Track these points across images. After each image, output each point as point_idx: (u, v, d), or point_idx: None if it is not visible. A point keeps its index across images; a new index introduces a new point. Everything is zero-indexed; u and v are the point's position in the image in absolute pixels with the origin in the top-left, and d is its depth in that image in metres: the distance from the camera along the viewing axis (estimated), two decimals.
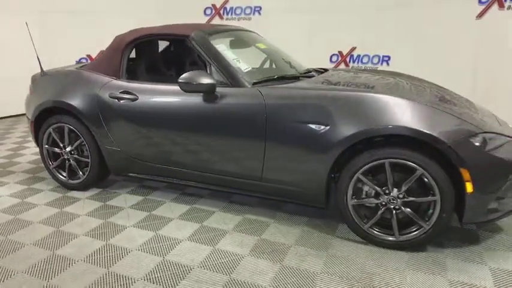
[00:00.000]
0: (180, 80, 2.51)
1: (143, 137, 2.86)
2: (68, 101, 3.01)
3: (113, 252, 2.37)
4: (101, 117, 2.93)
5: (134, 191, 3.25)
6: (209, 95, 2.59)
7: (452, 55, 5.02)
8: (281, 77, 2.82)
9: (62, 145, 3.20)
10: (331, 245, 2.42)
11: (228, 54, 2.80)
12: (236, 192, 2.77)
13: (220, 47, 2.81)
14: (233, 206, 2.95)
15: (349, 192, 2.35)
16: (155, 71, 3.30)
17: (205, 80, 2.51)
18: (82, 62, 4.29)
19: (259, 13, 6.69)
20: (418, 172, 2.17)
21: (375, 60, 6.03)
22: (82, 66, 3.41)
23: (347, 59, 6.24)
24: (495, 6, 4.60)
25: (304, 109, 2.38)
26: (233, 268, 2.19)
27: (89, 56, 6.85)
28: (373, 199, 2.34)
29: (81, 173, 3.20)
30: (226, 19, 6.88)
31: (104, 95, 2.93)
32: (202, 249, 2.38)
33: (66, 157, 3.21)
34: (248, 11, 6.76)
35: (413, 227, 2.30)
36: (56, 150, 3.25)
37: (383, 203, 2.31)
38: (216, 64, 2.67)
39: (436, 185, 2.16)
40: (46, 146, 3.28)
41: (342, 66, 6.24)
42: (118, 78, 2.99)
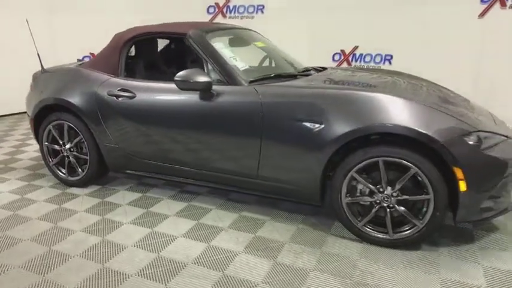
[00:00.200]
0: (177, 78, 2.53)
1: (141, 135, 2.88)
2: (67, 99, 3.05)
3: (109, 248, 2.39)
4: (100, 114, 2.96)
5: (133, 188, 3.28)
6: (205, 93, 2.61)
7: (454, 54, 4.99)
8: (278, 76, 2.83)
9: (62, 142, 3.24)
10: (325, 243, 2.42)
11: (225, 52, 2.82)
12: (233, 190, 2.79)
13: (217, 45, 2.82)
14: (230, 204, 2.97)
15: (343, 190, 2.36)
16: (153, 69, 3.33)
17: (201, 78, 2.52)
18: (82, 60, 4.31)
19: (262, 12, 6.69)
20: (412, 170, 2.17)
21: (377, 59, 6.01)
22: (81, 64, 3.44)
23: (349, 58, 6.22)
24: (497, 5, 4.56)
25: (299, 107, 2.39)
26: (227, 264, 2.21)
27: (92, 54, 6.90)
28: (367, 197, 2.34)
29: (80, 170, 3.24)
30: (229, 17, 6.88)
31: (103, 93, 2.96)
32: (197, 246, 2.40)
33: (65, 154, 3.25)
34: (251, 10, 6.77)
35: (407, 226, 2.30)
36: (56, 147, 3.29)
37: (377, 201, 2.31)
38: (213, 62, 2.69)
39: (430, 184, 2.16)
40: (46, 143, 3.32)
41: (345, 65, 6.23)
42: (116, 76, 3.02)
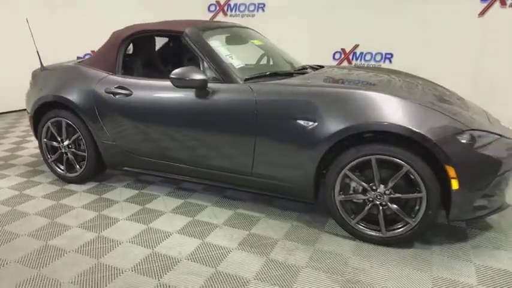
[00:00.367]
0: (172, 76, 2.55)
1: (137, 132, 2.90)
2: (66, 96, 3.08)
3: (104, 243, 2.42)
4: (97, 112, 2.99)
5: (130, 185, 3.31)
6: (201, 91, 2.63)
7: (454, 53, 4.98)
8: (274, 74, 2.85)
9: (60, 139, 3.27)
10: (318, 240, 2.44)
11: (221, 50, 2.83)
12: (228, 187, 2.81)
13: (213, 44, 2.84)
14: (226, 201, 2.99)
15: (336, 188, 2.37)
16: (150, 67, 3.35)
17: (196, 76, 2.54)
18: (84, 58, 4.34)
19: (262, 10, 6.70)
20: (404, 169, 2.18)
21: (378, 57, 6.01)
22: (80, 61, 3.47)
23: (350, 57, 6.22)
24: (497, 3, 4.55)
25: (293, 105, 2.40)
26: (220, 261, 2.23)
27: (93, 52, 6.94)
28: (360, 195, 2.35)
29: (78, 167, 3.27)
30: (230, 16, 6.89)
31: (100, 90, 2.98)
32: (191, 242, 2.43)
33: (63, 151, 3.28)
34: (252, 8, 6.78)
35: (400, 224, 2.31)
36: (54, 144, 3.32)
37: (370, 199, 2.32)
38: (209, 60, 2.70)
39: (422, 182, 2.16)
40: (45, 140, 3.35)
41: (345, 63, 6.23)
42: (114, 73, 3.04)
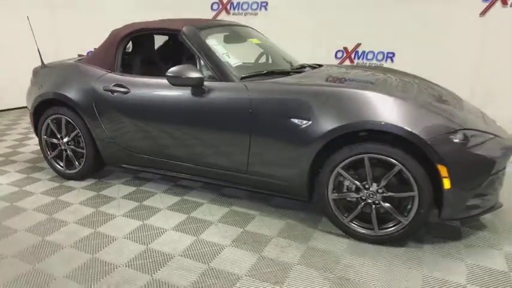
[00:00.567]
0: (168, 74, 2.57)
1: (134, 129, 2.94)
2: (65, 93, 3.12)
3: (100, 239, 2.46)
4: (95, 109, 3.02)
5: (128, 182, 3.35)
6: (197, 89, 2.65)
7: (455, 52, 4.96)
8: (270, 72, 2.86)
9: (60, 136, 3.31)
10: (312, 238, 2.46)
11: (218, 48, 2.85)
12: (225, 184, 2.83)
13: (210, 42, 2.86)
14: (222, 199, 3.01)
15: (329, 186, 2.38)
16: (149, 65, 3.37)
17: (192, 74, 2.56)
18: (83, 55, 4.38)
19: (265, 8, 6.71)
20: (397, 168, 2.19)
21: (380, 56, 6.00)
22: (80, 59, 3.50)
23: (352, 56, 6.22)
24: (498, 3, 4.52)
25: (287, 104, 2.41)
26: (213, 257, 2.25)
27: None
28: (353, 193, 2.37)
29: (77, 163, 3.31)
30: (232, 14, 6.91)
31: (99, 88, 3.02)
32: (185, 239, 2.45)
33: (63, 147, 3.32)
34: (254, 6, 6.79)
35: (392, 222, 2.32)
36: (54, 140, 3.36)
37: (363, 198, 2.33)
38: (205, 58, 2.73)
39: (414, 181, 2.17)
40: (44, 137, 3.40)
41: (347, 62, 6.23)
42: (112, 71, 3.07)
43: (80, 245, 2.39)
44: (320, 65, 3.45)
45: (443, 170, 2.11)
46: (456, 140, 2.15)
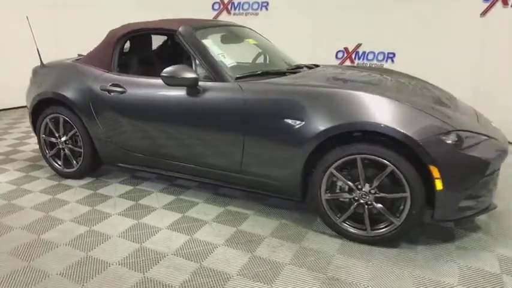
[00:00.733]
0: (163, 74, 2.59)
1: (131, 129, 2.96)
2: (62, 93, 3.14)
3: (95, 237, 2.48)
4: (92, 108, 3.05)
5: (125, 181, 3.37)
6: (192, 89, 2.66)
7: (456, 52, 4.94)
8: (265, 73, 2.87)
9: (58, 135, 3.34)
10: (305, 238, 2.46)
11: (214, 49, 2.86)
12: (220, 184, 2.84)
13: (206, 42, 2.87)
14: (217, 198, 3.03)
15: (322, 186, 2.39)
16: (146, 65, 3.39)
17: (187, 74, 2.58)
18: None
19: (266, 8, 6.72)
20: (389, 168, 2.19)
21: (380, 57, 5.99)
22: (78, 59, 3.53)
23: (352, 56, 6.21)
24: (499, 3, 4.50)
25: (280, 104, 2.42)
26: (205, 256, 2.27)
27: None
28: (346, 194, 2.37)
29: (75, 162, 3.33)
30: (233, 14, 6.92)
31: (96, 88, 3.04)
32: (179, 237, 2.47)
33: (61, 146, 3.35)
34: (255, 6, 6.80)
35: (384, 223, 2.32)
36: (52, 139, 3.39)
37: (355, 198, 2.33)
38: (201, 58, 2.74)
39: (406, 182, 2.17)
40: (43, 136, 3.43)
41: (348, 62, 6.22)
42: (109, 71, 3.10)
43: (75, 243, 2.41)
44: (317, 65, 3.45)
45: (435, 171, 2.11)
46: (449, 141, 2.15)
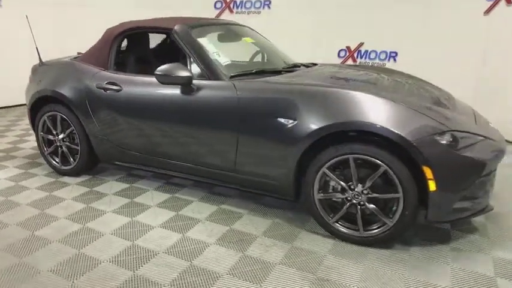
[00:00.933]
0: (157, 72, 2.59)
1: (126, 127, 2.96)
2: (60, 91, 3.16)
3: (88, 234, 2.49)
4: (89, 106, 3.06)
5: (122, 179, 3.38)
6: (186, 88, 2.66)
7: (459, 51, 4.89)
8: (261, 71, 2.85)
9: (55, 132, 3.36)
10: (297, 238, 2.45)
11: (209, 47, 2.86)
12: (214, 183, 2.84)
13: (202, 41, 2.86)
14: (212, 197, 3.02)
15: (315, 186, 2.37)
16: (143, 63, 3.39)
17: (181, 73, 2.57)
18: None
19: (268, 7, 6.70)
20: (381, 169, 2.17)
21: (382, 56, 5.94)
22: (76, 57, 3.55)
23: (354, 55, 6.17)
24: (503, 2, 4.43)
25: (273, 103, 2.41)
26: (196, 255, 2.26)
27: None
28: (339, 194, 2.35)
29: (72, 160, 3.35)
30: (236, 13, 6.91)
31: (92, 86, 3.05)
32: (171, 236, 2.47)
33: (58, 144, 3.37)
34: (258, 5, 6.78)
35: (377, 224, 2.30)
36: (50, 137, 3.41)
37: (348, 198, 2.31)
38: (195, 57, 2.73)
39: (399, 182, 2.15)
40: (41, 133, 3.45)
41: (350, 61, 6.18)
42: (106, 69, 3.10)
43: (68, 240, 2.42)
44: (315, 64, 3.43)
45: (428, 172, 2.08)
46: (443, 142, 2.12)
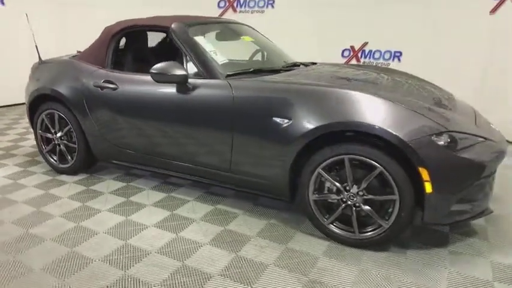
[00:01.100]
0: (152, 71, 2.57)
1: (122, 125, 2.95)
2: (57, 89, 3.16)
3: (82, 233, 2.48)
4: (86, 105, 3.05)
5: (119, 178, 3.37)
6: (181, 86, 2.64)
7: (465, 51, 4.81)
8: (258, 70, 2.82)
9: (53, 131, 3.36)
10: (292, 239, 2.41)
11: (206, 46, 2.83)
12: (210, 182, 2.81)
13: (199, 39, 2.84)
14: (208, 197, 3.00)
15: (310, 186, 2.34)
16: (140, 62, 3.38)
17: (176, 71, 2.55)
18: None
19: (272, 6, 6.67)
20: (377, 170, 2.13)
21: (387, 55, 5.88)
22: (75, 55, 3.55)
23: (359, 54, 6.11)
24: (509, 0, 4.35)
25: (268, 102, 2.38)
26: (189, 255, 2.24)
27: None
28: (334, 195, 2.31)
29: (69, 158, 3.35)
30: (239, 12, 6.89)
31: (89, 84, 3.04)
32: (165, 235, 2.45)
33: (56, 142, 3.37)
34: (261, 4, 6.75)
35: (373, 226, 2.26)
36: (48, 135, 3.41)
37: (343, 200, 2.28)
38: (192, 55, 2.71)
39: (395, 184, 2.10)
40: (40, 131, 3.45)
41: (354, 61, 6.12)
42: (103, 67, 3.10)
43: (61, 239, 2.42)
44: (314, 63, 3.39)
45: (424, 173, 2.03)
46: (441, 143, 2.07)
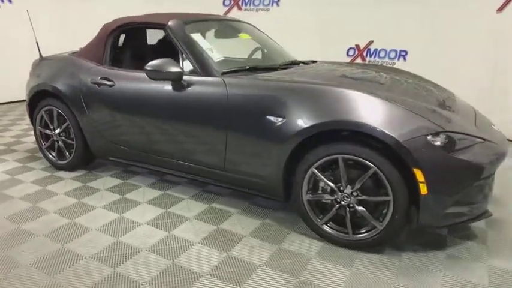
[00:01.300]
0: (147, 68, 2.55)
1: (118, 122, 2.94)
2: (56, 85, 3.16)
3: (74, 230, 2.47)
4: (83, 101, 3.05)
5: (116, 175, 3.36)
6: (177, 83, 2.62)
7: (471, 50, 4.72)
8: (255, 68, 2.79)
9: (52, 127, 3.37)
10: (285, 239, 2.38)
11: (202, 43, 2.81)
12: (204, 181, 2.79)
13: (195, 36, 2.82)
14: (204, 195, 2.97)
15: (304, 186, 2.30)
16: (138, 59, 3.36)
17: (171, 69, 2.53)
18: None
19: (277, 4, 6.62)
20: (371, 170, 2.08)
21: (392, 54, 5.80)
22: (74, 52, 3.55)
23: (364, 53, 6.04)
24: None
25: (262, 100, 2.34)
26: (179, 254, 2.22)
27: None
28: (327, 195, 2.27)
29: (67, 154, 3.35)
30: (244, 10, 6.87)
31: (86, 81, 3.04)
32: (157, 233, 2.43)
33: (55, 138, 3.38)
34: (266, 2, 6.72)
35: (367, 227, 2.21)
36: (47, 131, 3.42)
37: (337, 200, 2.23)
38: (187, 53, 2.69)
39: (389, 185, 2.05)
40: (39, 127, 3.47)
41: (359, 60, 6.06)
42: (101, 64, 3.09)
43: (53, 235, 2.41)
44: (314, 61, 3.35)
45: (419, 174, 1.98)
46: (437, 143, 2.01)
